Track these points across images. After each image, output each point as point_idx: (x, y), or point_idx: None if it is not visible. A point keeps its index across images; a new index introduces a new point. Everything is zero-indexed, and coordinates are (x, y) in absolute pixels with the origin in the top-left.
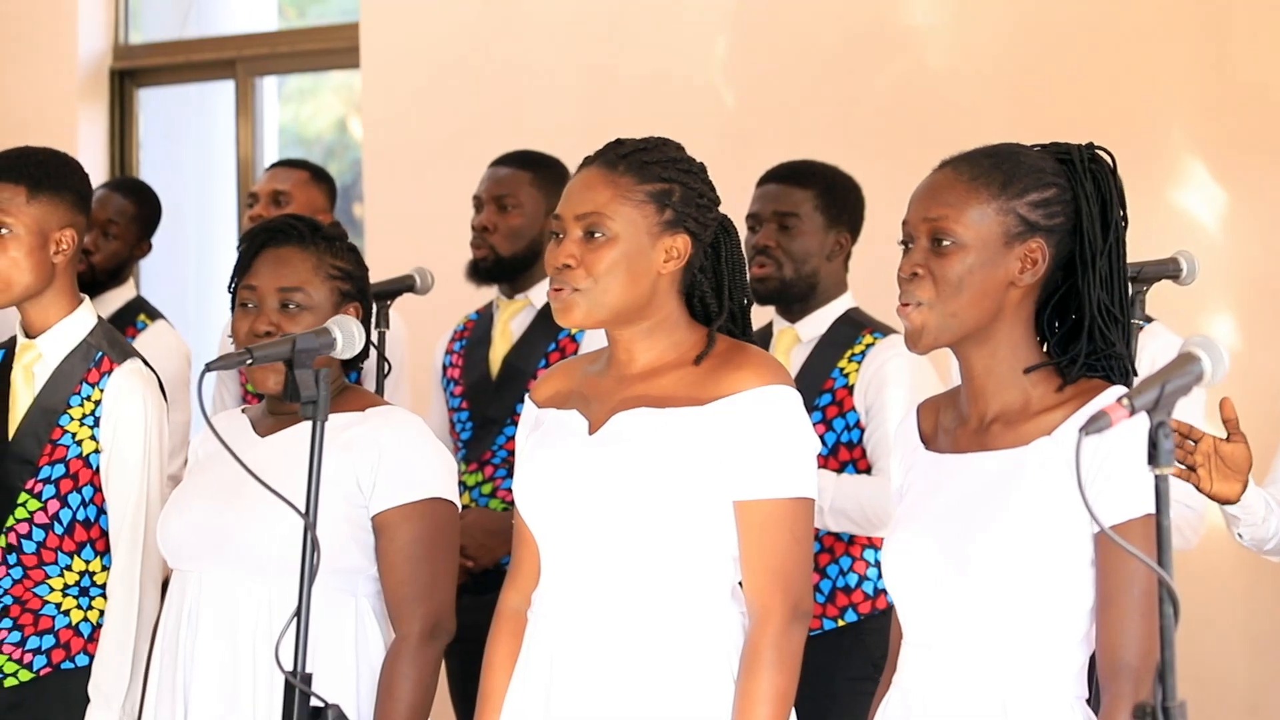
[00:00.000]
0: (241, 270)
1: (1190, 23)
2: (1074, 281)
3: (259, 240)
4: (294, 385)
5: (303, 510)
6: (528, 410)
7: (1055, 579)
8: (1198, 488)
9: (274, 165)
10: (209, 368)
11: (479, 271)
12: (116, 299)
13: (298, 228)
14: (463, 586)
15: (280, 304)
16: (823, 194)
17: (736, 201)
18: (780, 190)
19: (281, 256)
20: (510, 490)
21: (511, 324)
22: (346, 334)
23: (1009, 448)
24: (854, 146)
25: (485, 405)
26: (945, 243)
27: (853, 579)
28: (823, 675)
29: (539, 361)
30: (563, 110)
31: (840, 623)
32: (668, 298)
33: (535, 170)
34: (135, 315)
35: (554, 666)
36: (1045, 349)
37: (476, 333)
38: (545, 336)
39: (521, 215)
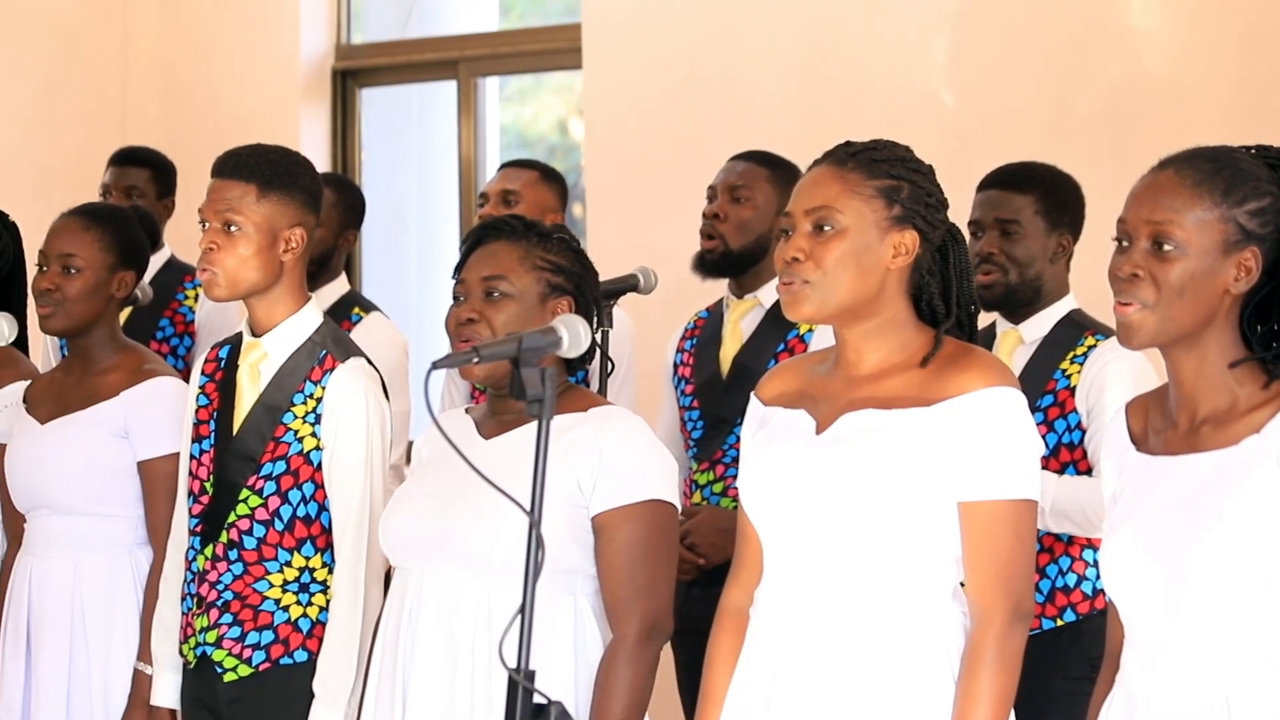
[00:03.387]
0: (457, 268)
1: None
2: (1276, 284)
3: (474, 237)
4: (519, 383)
5: (528, 508)
6: (753, 408)
7: (1272, 576)
8: None
9: (505, 165)
10: (436, 365)
11: (706, 264)
12: (331, 294)
13: (510, 223)
14: (692, 580)
15: (485, 293)
16: (1043, 198)
17: (957, 201)
18: (1001, 196)
19: (490, 250)
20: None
21: (741, 323)
22: (573, 332)
23: (1219, 448)
24: (1073, 147)
25: (715, 404)
26: (1167, 247)
27: (1071, 579)
28: (1041, 675)
29: (768, 361)
30: (782, 111)
31: (1059, 623)
32: (896, 296)
33: (772, 168)
34: (350, 309)
35: (775, 664)
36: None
37: (707, 331)
38: (775, 336)
39: (754, 208)
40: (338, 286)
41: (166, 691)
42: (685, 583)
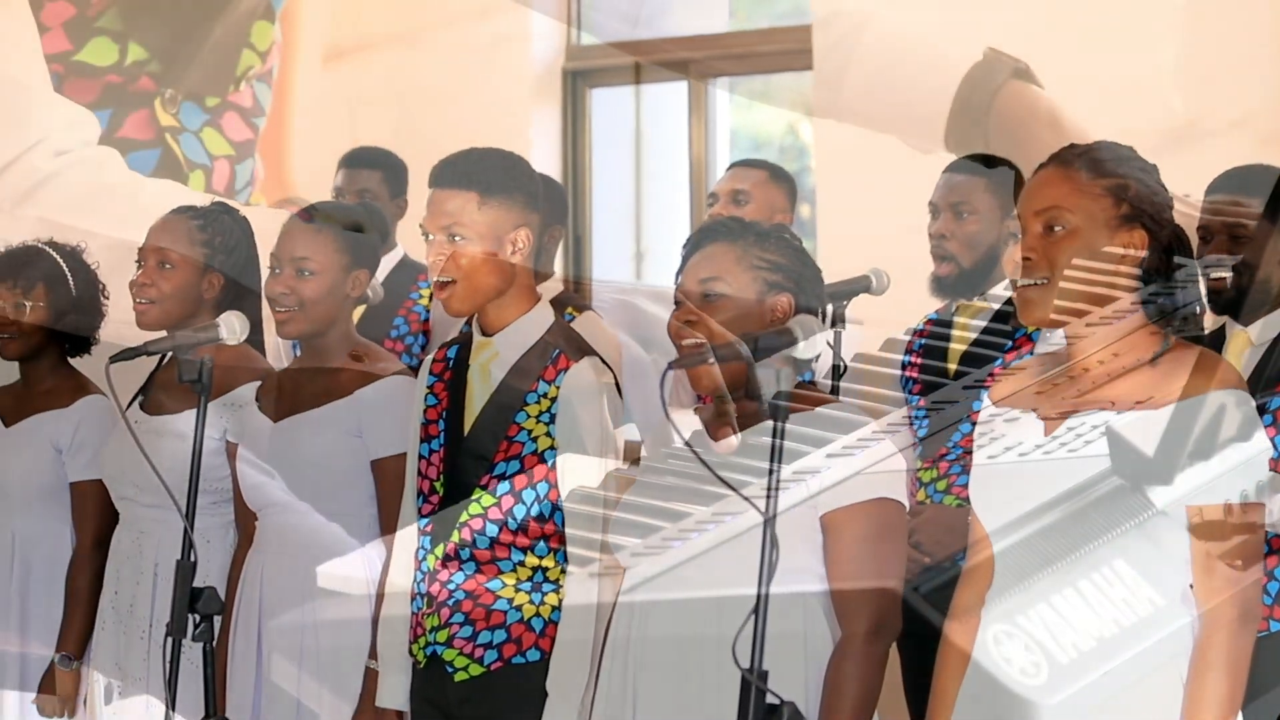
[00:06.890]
0: (677, 272)
1: None
2: None
3: (692, 242)
4: (755, 383)
5: (761, 508)
6: (985, 409)
7: None
8: None
9: (735, 164)
10: (672, 366)
11: (944, 286)
12: (544, 293)
13: (727, 225)
14: (916, 582)
15: (703, 295)
16: (1271, 201)
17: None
18: (1227, 200)
19: (708, 253)
20: (964, 487)
21: (971, 324)
22: (808, 333)
23: None
24: None
25: (941, 403)
26: None
27: None
28: (1268, 677)
29: (995, 361)
30: None
31: None
32: (1125, 296)
33: (989, 175)
34: (563, 309)
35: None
36: None
37: (935, 332)
38: (1002, 336)
39: (978, 221)
40: (551, 286)
41: (393, 693)
42: (910, 584)
